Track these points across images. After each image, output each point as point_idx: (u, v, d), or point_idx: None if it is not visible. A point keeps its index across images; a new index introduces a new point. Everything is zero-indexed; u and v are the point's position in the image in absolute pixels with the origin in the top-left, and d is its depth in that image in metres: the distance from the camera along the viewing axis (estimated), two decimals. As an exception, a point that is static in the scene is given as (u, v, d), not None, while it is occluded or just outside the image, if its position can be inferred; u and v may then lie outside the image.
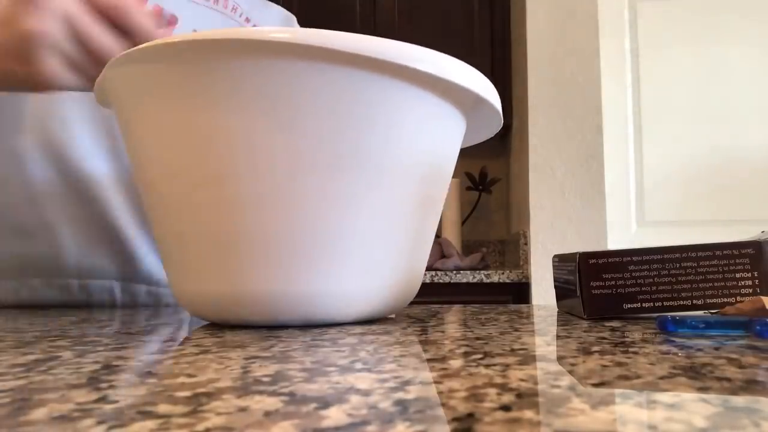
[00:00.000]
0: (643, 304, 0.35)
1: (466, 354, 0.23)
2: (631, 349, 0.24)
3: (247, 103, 0.30)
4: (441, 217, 2.01)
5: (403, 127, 0.32)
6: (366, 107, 0.31)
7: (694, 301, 0.35)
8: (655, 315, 0.38)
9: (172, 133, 0.32)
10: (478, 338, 0.28)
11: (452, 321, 0.36)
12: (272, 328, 0.33)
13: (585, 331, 0.30)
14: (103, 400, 0.16)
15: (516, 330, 0.31)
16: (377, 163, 0.32)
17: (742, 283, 0.34)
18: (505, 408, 0.15)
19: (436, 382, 0.18)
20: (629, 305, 0.35)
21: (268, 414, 0.14)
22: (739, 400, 0.15)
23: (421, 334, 0.29)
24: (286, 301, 0.32)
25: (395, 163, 0.32)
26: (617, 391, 0.16)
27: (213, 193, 0.31)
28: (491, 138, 2.14)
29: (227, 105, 0.30)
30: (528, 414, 0.14)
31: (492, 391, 0.16)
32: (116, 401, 0.16)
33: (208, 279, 0.33)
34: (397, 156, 0.32)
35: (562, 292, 0.40)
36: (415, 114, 0.33)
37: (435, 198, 0.36)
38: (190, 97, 0.31)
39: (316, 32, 0.29)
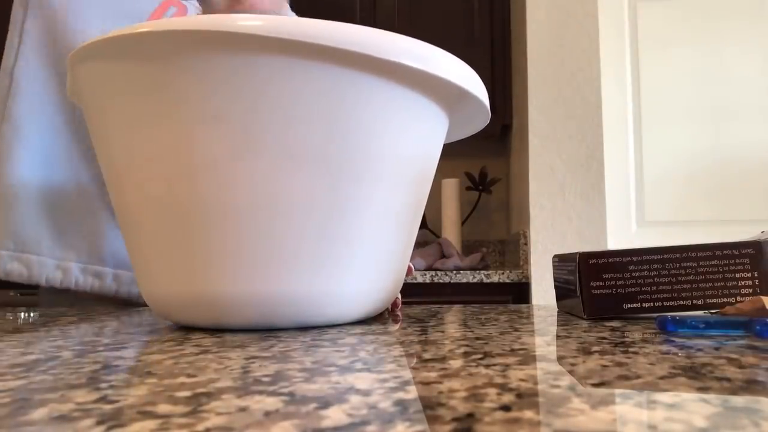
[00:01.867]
0: (643, 304, 0.35)
1: (466, 354, 0.23)
2: (631, 349, 0.24)
3: (215, 98, 0.28)
4: (441, 216, 2.01)
5: (385, 124, 0.31)
6: (346, 103, 0.29)
7: (694, 301, 0.35)
8: (655, 315, 0.38)
9: (140, 127, 0.30)
10: (478, 338, 0.28)
11: (452, 321, 0.36)
12: (272, 328, 0.33)
13: (585, 331, 0.30)
14: (103, 400, 0.16)
15: (516, 330, 0.31)
16: (362, 163, 0.30)
17: (742, 283, 0.34)
18: (505, 408, 0.15)
19: (436, 382, 0.18)
20: (629, 305, 0.35)
21: (268, 414, 0.14)
22: (739, 400, 0.15)
23: (421, 334, 0.29)
24: (264, 303, 0.31)
25: (378, 163, 0.31)
26: (617, 391, 0.16)
27: (184, 188, 0.30)
28: (491, 138, 2.14)
29: (197, 100, 0.29)
30: (528, 414, 0.14)
31: (492, 391, 0.16)
32: (116, 401, 0.16)
33: (179, 279, 0.31)
34: (380, 156, 0.31)
35: (562, 292, 0.40)
36: (397, 111, 0.31)
37: (420, 198, 0.36)
38: (158, 91, 0.29)
39: (285, 21, 0.27)
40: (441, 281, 1.64)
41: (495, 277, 1.63)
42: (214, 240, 0.30)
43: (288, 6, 0.69)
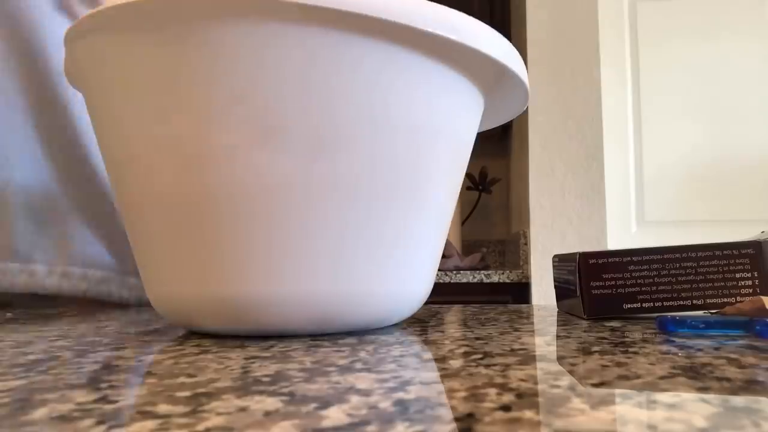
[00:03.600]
0: (643, 304, 0.35)
1: (466, 354, 0.23)
2: (631, 349, 0.24)
3: (234, 77, 0.26)
4: (441, 217, 2.01)
5: (427, 106, 0.28)
6: (387, 83, 0.27)
7: (694, 301, 0.35)
8: (655, 315, 0.38)
9: (144, 111, 0.27)
10: (478, 338, 0.28)
11: (452, 321, 0.36)
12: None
13: (585, 331, 0.30)
14: (103, 400, 0.16)
15: (516, 330, 0.31)
16: (406, 151, 0.27)
17: (742, 283, 0.34)
18: (505, 408, 0.15)
19: (436, 382, 0.18)
20: (629, 305, 0.35)
21: (268, 414, 0.14)
22: (739, 400, 0.15)
23: (421, 334, 0.29)
24: (286, 306, 0.28)
25: (425, 154, 0.28)
26: (617, 391, 0.16)
27: (195, 180, 0.27)
28: (491, 138, 2.14)
29: (212, 78, 0.26)
30: (528, 414, 0.14)
31: (492, 391, 0.16)
32: (116, 401, 0.16)
33: (189, 279, 0.28)
34: (424, 145, 0.28)
35: (562, 292, 0.40)
36: (442, 93, 0.28)
37: (459, 185, 0.33)
38: (165, 69, 0.26)
39: None
40: (441, 281, 1.64)
41: (495, 277, 1.63)
42: (237, 236, 0.27)
43: None
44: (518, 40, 1.84)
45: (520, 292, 1.66)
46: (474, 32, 0.27)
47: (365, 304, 0.29)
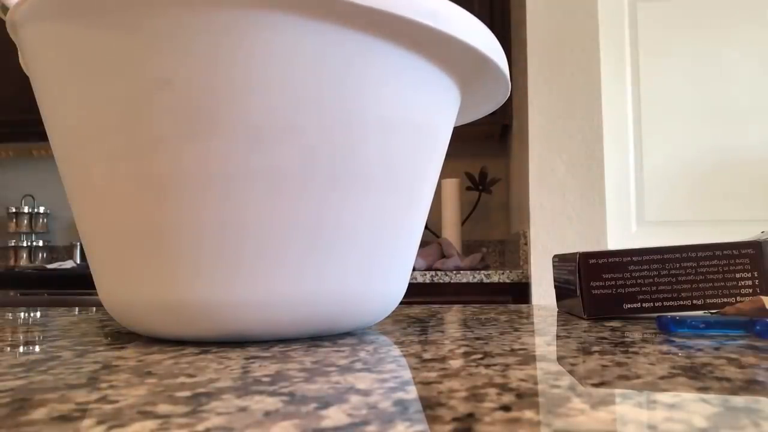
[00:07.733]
0: (643, 304, 0.35)
1: (466, 354, 0.23)
2: (631, 349, 0.24)
3: (165, 58, 0.24)
4: (441, 216, 2.01)
5: (380, 95, 0.25)
6: (342, 69, 0.24)
7: (694, 301, 0.35)
8: (655, 315, 0.38)
9: (91, 96, 0.25)
10: (478, 338, 0.28)
11: (452, 321, 0.36)
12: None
13: (585, 331, 0.30)
14: (103, 400, 0.16)
15: (516, 330, 0.31)
16: (358, 139, 0.25)
17: (742, 283, 0.34)
18: (505, 408, 0.15)
19: (436, 382, 0.18)
20: (629, 305, 0.35)
21: (268, 414, 0.14)
22: (739, 400, 0.15)
23: (421, 334, 0.29)
24: (248, 310, 0.25)
25: (373, 141, 0.26)
26: (617, 391, 0.16)
27: (145, 170, 0.25)
28: (491, 138, 2.14)
29: (143, 60, 0.24)
30: (528, 414, 0.14)
31: (492, 391, 0.16)
32: (116, 401, 0.16)
33: (141, 283, 0.26)
34: (376, 134, 0.26)
35: (562, 292, 0.40)
36: (399, 80, 0.25)
37: (432, 185, 0.31)
38: (97, 52, 0.24)
39: None
40: (441, 281, 1.64)
41: (495, 277, 1.63)
42: (194, 234, 0.25)
43: None
44: (518, 40, 1.84)
45: (520, 292, 1.66)
46: (452, 20, 0.25)
47: (330, 306, 0.27)
